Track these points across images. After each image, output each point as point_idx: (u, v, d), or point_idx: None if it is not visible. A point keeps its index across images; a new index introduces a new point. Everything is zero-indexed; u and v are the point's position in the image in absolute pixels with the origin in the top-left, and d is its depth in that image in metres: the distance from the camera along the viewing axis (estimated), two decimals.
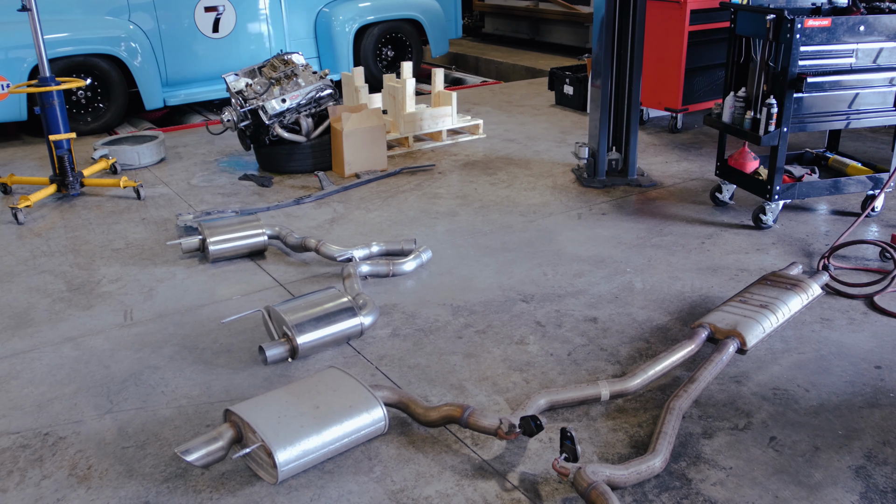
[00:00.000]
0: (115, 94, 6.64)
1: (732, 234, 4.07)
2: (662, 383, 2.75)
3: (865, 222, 4.16)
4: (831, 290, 3.39)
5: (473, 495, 2.21)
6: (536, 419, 2.29)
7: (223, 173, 5.32)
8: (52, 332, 3.21)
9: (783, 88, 3.75)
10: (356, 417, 2.34)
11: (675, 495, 2.19)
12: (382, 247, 3.86)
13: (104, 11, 6.54)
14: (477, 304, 3.37)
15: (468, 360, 2.92)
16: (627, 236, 4.07)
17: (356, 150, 5.09)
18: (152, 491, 2.26)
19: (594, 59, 4.84)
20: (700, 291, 3.44)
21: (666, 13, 5.66)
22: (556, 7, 10.54)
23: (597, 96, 4.79)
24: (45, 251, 4.05)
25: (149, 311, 3.37)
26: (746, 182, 4.20)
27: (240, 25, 7.13)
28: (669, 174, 5.08)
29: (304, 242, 3.85)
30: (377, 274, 3.61)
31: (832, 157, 4.49)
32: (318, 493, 2.24)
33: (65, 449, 2.46)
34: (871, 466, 2.30)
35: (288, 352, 2.90)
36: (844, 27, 3.74)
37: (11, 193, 4.96)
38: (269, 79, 5.17)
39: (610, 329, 3.13)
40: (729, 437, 2.45)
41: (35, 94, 4.60)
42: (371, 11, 7.93)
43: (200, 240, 3.85)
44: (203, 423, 2.57)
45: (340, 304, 3.02)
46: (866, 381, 2.73)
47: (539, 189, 4.84)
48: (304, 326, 2.90)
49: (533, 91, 7.80)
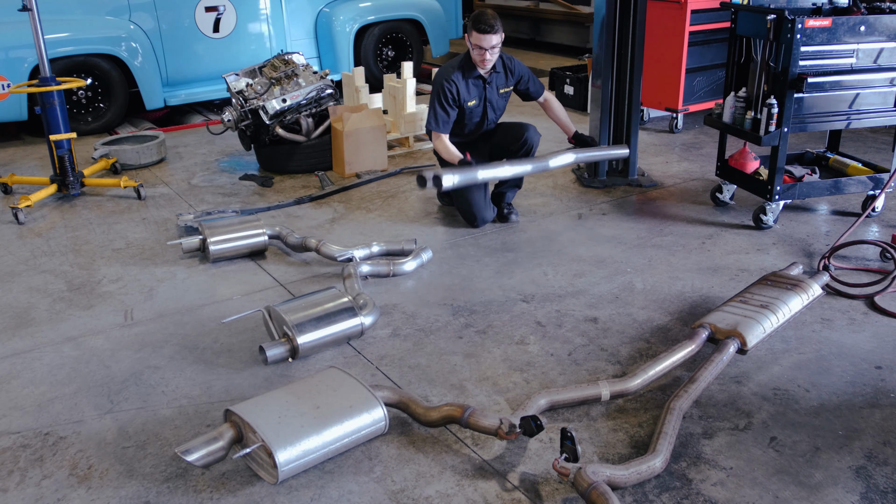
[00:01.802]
0: (115, 93, 6.64)
1: (733, 235, 4.06)
2: (663, 383, 2.75)
3: (866, 222, 4.16)
4: (832, 291, 3.39)
5: (474, 495, 2.21)
6: (537, 419, 2.29)
7: (223, 173, 5.32)
8: (52, 332, 3.21)
9: (784, 88, 3.75)
10: (356, 417, 2.34)
11: (676, 495, 2.19)
12: (383, 247, 3.86)
13: (105, 11, 6.54)
14: (477, 303, 3.37)
15: (468, 360, 2.92)
16: (628, 236, 4.07)
17: (356, 150, 5.09)
18: (153, 491, 2.26)
19: (595, 59, 4.84)
20: (700, 291, 3.44)
21: (666, 13, 5.66)
22: (556, 7, 10.53)
23: (597, 96, 4.79)
24: (45, 251, 4.05)
25: (149, 311, 3.38)
26: (747, 182, 4.20)
27: (240, 25, 7.12)
28: (670, 174, 5.08)
29: (304, 242, 3.85)
30: (378, 274, 3.61)
31: (833, 158, 4.49)
32: (318, 493, 2.24)
33: (65, 449, 2.46)
34: (871, 467, 2.30)
35: (288, 352, 2.90)
36: (845, 27, 3.74)
37: (12, 193, 4.96)
38: (270, 79, 5.17)
39: (610, 329, 3.13)
40: (729, 437, 2.45)
41: (36, 94, 4.60)
42: (371, 11, 7.92)
43: (201, 240, 3.85)
44: (203, 423, 2.57)
45: (341, 304, 3.02)
46: (867, 382, 2.73)
47: (539, 189, 4.84)
48: (305, 326, 2.90)
49: None
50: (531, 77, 4.35)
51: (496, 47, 3.99)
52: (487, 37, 3.92)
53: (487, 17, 3.93)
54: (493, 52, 4.00)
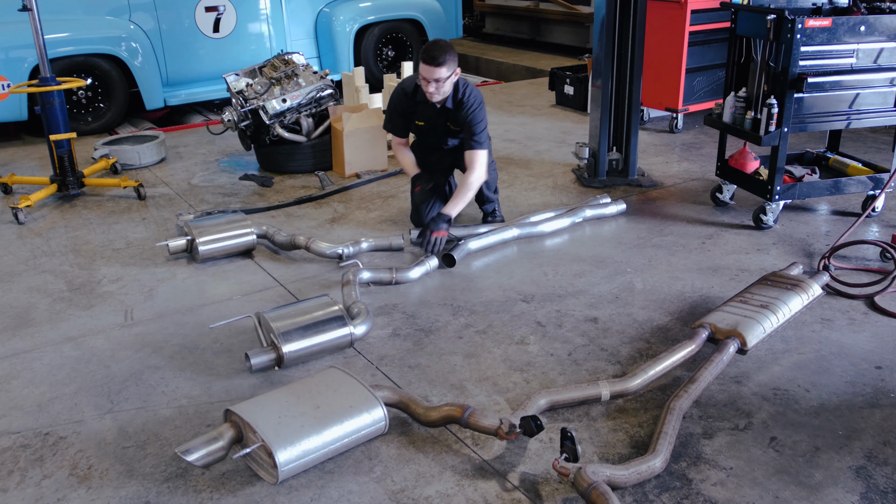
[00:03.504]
0: (115, 93, 6.64)
1: (733, 235, 4.06)
2: (663, 383, 2.75)
3: (866, 222, 4.15)
4: (832, 291, 3.39)
5: (474, 495, 2.21)
6: (537, 419, 2.29)
7: (224, 173, 5.32)
8: (52, 332, 3.21)
9: (784, 88, 3.75)
10: (356, 417, 2.34)
11: (676, 495, 2.19)
12: (371, 242, 3.88)
13: (105, 11, 6.54)
14: (477, 304, 3.37)
15: (468, 360, 2.92)
16: (628, 236, 4.07)
17: (356, 149, 5.09)
18: (153, 491, 2.26)
19: (595, 59, 4.84)
20: (700, 291, 3.44)
21: (666, 13, 5.66)
22: (556, 7, 10.54)
23: (597, 96, 4.79)
24: (45, 251, 4.05)
25: (149, 311, 3.38)
26: (747, 182, 4.20)
27: (240, 25, 7.13)
28: (670, 174, 5.08)
29: (293, 240, 3.85)
30: (379, 281, 3.55)
31: (833, 158, 4.49)
32: (318, 493, 2.24)
33: (65, 449, 2.46)
34: (871, 467, 2.30)
35: (274, 360, 2.83)
36: (845, 27, 3.74)
37: (12, 193, 4.96)
38: (270, 79, 5.17)
39: (610, 329, 3.13)
40: (729, 437, 2.45)
41: (36, 94, 4.60)
42: (371, 11, 7.93)
43: (188, 240, 3.84)
44: (203, 423, 2.57)
45: (330, 313, 2.95)
46: (867, 382, 2.73)
47: (539, 189, 4.84)
48: (291, 335, 2.83)
49: (533, 91, 7.80)
50: (473, 131, 3.87)
51: (441, 81, 3.68)
52: (430, 68, 3.64)
53: (436, 48, 3.65)
54: (439, 86, 3.70)
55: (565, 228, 4.15)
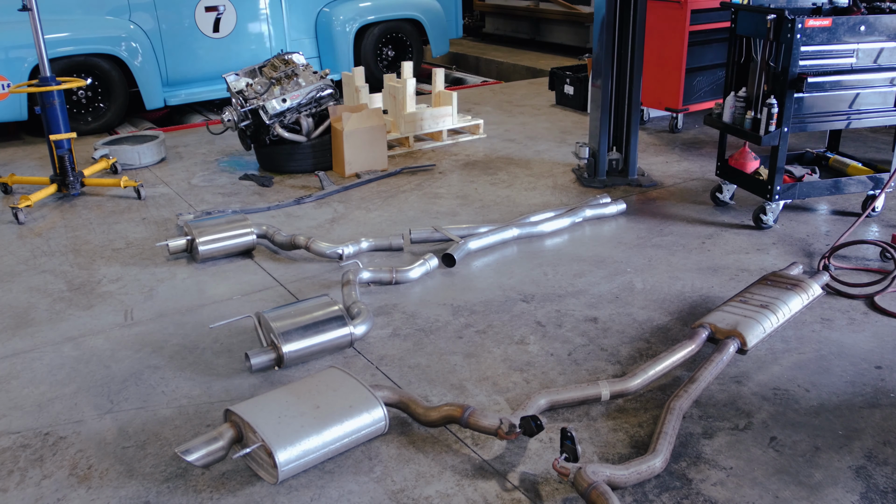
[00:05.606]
0: (115, 93, 6.64)
1: (733, 234, 4.06)
2: (663, 383, 2.75)
3: (866, 222, 4.16)
4: (832, 290, 3.39)
5: (474, 495, 2.21)
6: (537, 419, 2.29)
7: (223, 173, 5.32)
8: (52, 332, 3.21)
9: (784, 88, 3.75)
10: (356, 417, 2.34)
11: (676, 495, 2.19)
12: (372, 242, 3.88)
13: (105, 11, 6.55)
14: (477, 303, 3.37)
15: (468, 360, 2.92)
16: (628, 236, 4.07)
17: (356, 149, 5.09)
18: (152, 491, 2.26)
19: (594, 59, 4.84)
20: (700, 291, 3.44)
21: (666, 13, 5.66)
22: (556, 7, 10.54)
23: (597, 96, 4.79)
24: (45, 251, 4.05)
25: (149, 311, 3.38)
26: (747, 182, 4.20)
27: (240, 25, 7.13)
28: (670, 174, 5.08)
29: (293, 240, 3.85)
30: (380, 281, 3.55)
31: (833, 157, 4.49)
32: (318, 493, 2.24)
33: (65, 449, 2.46)
34: (871, 466, 2.30)
35: (273, 360, 2.84)
36: (845, 27, 3.74)
37: (12, 193, 4.96)
38: (270, 79, 5.17)
39: (610, 329, 3.13)
40: (729, 437, 2.45)
41: (36, 94, 4.60)
42: (371, 11, 7.93)
43: (188, 240, 3.84)
44: (203, 423, 2.57)
45: (330, 313, 2.95)
46: (867, 382, 2.73)
47: (539, 189, 4.84)
48: (291, 335, 2.84)
49: (533, 91, 7.80)
50: None
51: None
52: None
53: None
54: None
55: (565, 228, 4.16)
